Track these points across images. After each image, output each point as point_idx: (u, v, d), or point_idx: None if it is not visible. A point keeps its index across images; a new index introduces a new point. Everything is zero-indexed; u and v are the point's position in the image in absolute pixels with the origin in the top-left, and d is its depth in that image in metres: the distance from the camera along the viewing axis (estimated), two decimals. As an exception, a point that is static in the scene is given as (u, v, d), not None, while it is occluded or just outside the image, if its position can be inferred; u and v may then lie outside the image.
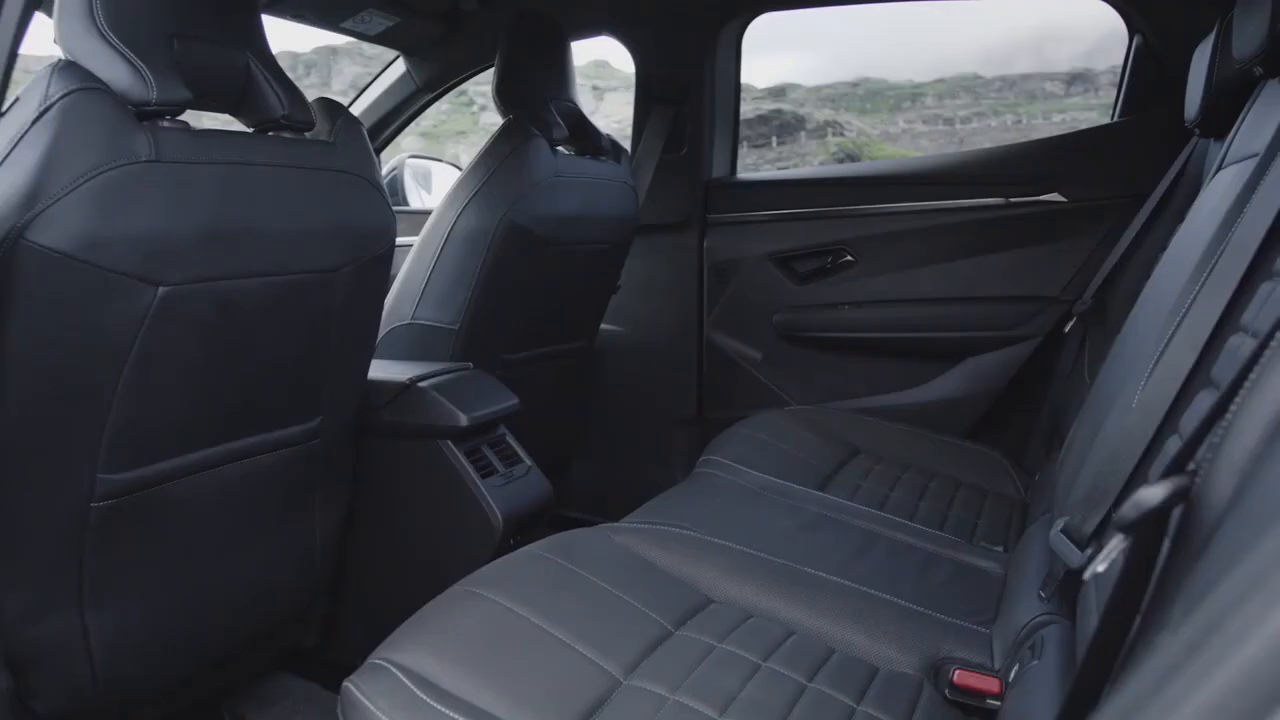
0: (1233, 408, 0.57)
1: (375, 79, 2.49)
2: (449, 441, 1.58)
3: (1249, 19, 1.15)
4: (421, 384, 1.61)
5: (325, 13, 2.08)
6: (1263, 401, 0.54)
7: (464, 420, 1.58)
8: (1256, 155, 1.08)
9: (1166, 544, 0.60)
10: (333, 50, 7.20)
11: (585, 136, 2.03)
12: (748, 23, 2.30)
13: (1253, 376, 0.56)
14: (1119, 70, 2.06)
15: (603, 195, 2.03)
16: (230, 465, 1.29)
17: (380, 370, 1.61)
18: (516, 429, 1.73)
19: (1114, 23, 2.07)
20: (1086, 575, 0.62)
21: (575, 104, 1.99)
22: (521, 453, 1.71)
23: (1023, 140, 2.26)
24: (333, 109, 1.36)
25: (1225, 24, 1.42)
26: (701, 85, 2.29)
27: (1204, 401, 0.88)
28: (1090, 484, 1.06)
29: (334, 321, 1.35)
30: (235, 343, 1.20)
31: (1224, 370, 0.87)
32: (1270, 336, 0.56)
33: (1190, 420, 0.88)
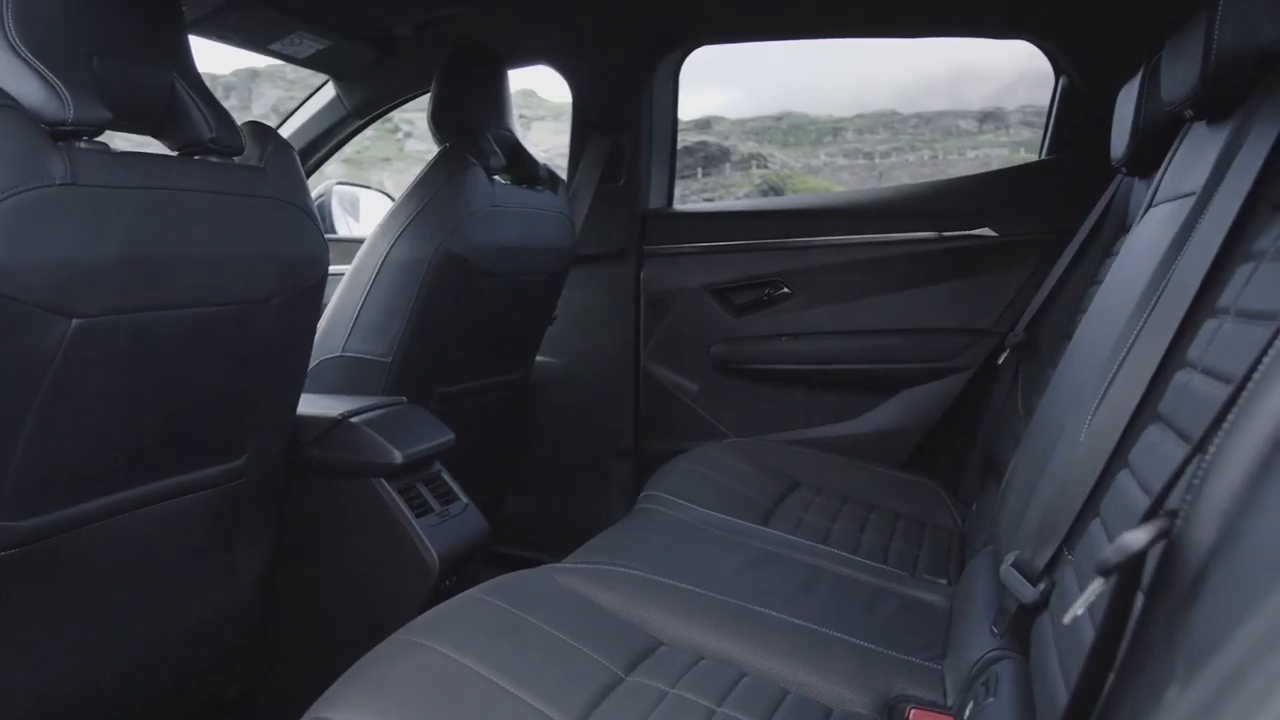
0: (1211, 449, 0.56)
1: (303, 103, 2.41)
2: (382, 479, 1.52)
3: (1178, 63, 1.19)
4: (353, 419, 1.54)
5: (253, 34, 2.01)
6: (1243, 444, 0.54)
7: (398, 457, 1.52)
8: (1190, 194, 1.11)
9: (1144, 586, 0.59)
10: (253, 73, 7.02)
11: (522, 166, 1.99)
12: (686, 54, 2.31)
13: (1230, 418, 0.56)
14: (1027, 108, 2.14)
15: (540, 225, 1.99)
16: (146, 509, 1.21)
17: (309, 405, 1.54)
18: (450, 464, 1.67)
19: (1022, 63, 2.15)
20: (1066, 619, 0.61)
21: (512, 133, 1.96)
22: (457, 490, 1.65)
23: (952, 176, 2.31)
24: (263, 133, 1.30)
25: (1151, 67, 1.47)
26: (639, 116, 2.28)
27: (1153, 436, 0.89)
28: (1039, 519, 1.07)
29: (262, 355, 1.28)
30: (156, 378, 1.12)
31: (1172, 406, 0.88)
32: (1247, 378, 0.55)
33: (1142, 455, 0.89)
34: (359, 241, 2.08)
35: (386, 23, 2.17)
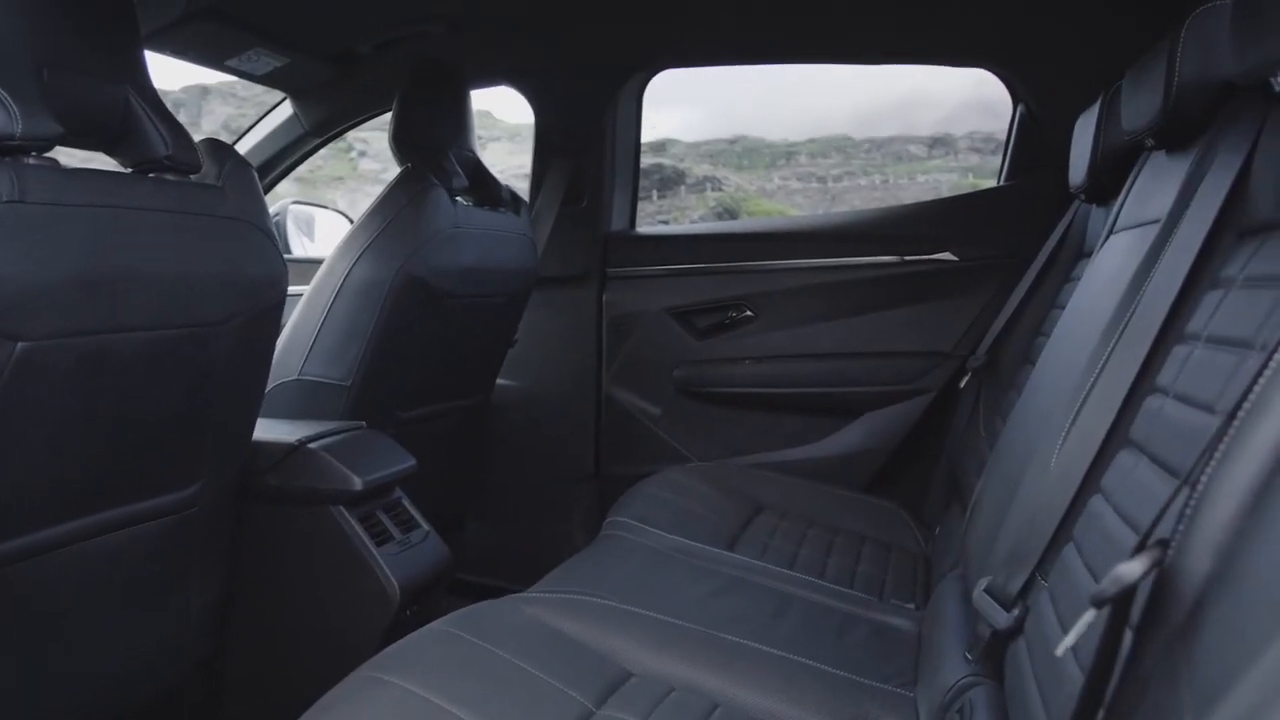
0: (1203, 480, 0.56)
1: (259, 120, 2.36)
2: (341, 507, 1.47)
3: (1139, 93, 1.21)
4: (311, 445, 1.50)
5: (209, 50, 1.96)
6: (1235, 474, 0.54)
7: (358, 484, 1.47)
8: (1153, 222, 1.13)
9: (1134, 617, 0.59)
10: (204, 89, 6.89)
11: (485, 187, 1.97)
12: (650, 78, 2.31)
13: (1222, 447, 0.56)
14: (974, 134, 2.19)
15: (502, 247, 1.97)
16: (92, 541, 1.15)
17: (265, 430, 1.49)
18: (410, 490, 1.63)
19: (970, 90, 2.19)
20: (1059, 651, 0.60)
21: (474, 153, 1.94)
22: (419, 517, 1.61)
23: (912, 201, 2.34)
24: (221, 151, 1.26)
25: (1109, 97, 1.50)
26: (603, 138, 2.28)
27: (1126, 462, 0.89)
28: (1012, 544, 1.07)
29: (218, 379, 1.24)
30: (107, 403, 1.07)
31: (1145, 432, 0.88)
32: (1237, 409, 0.55)
33: (1116, 481, 0.89)
34: (315, 262, 2.04)
35: (348, 41, 2.13)
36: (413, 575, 1.50)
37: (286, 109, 2.34)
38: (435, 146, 1.83)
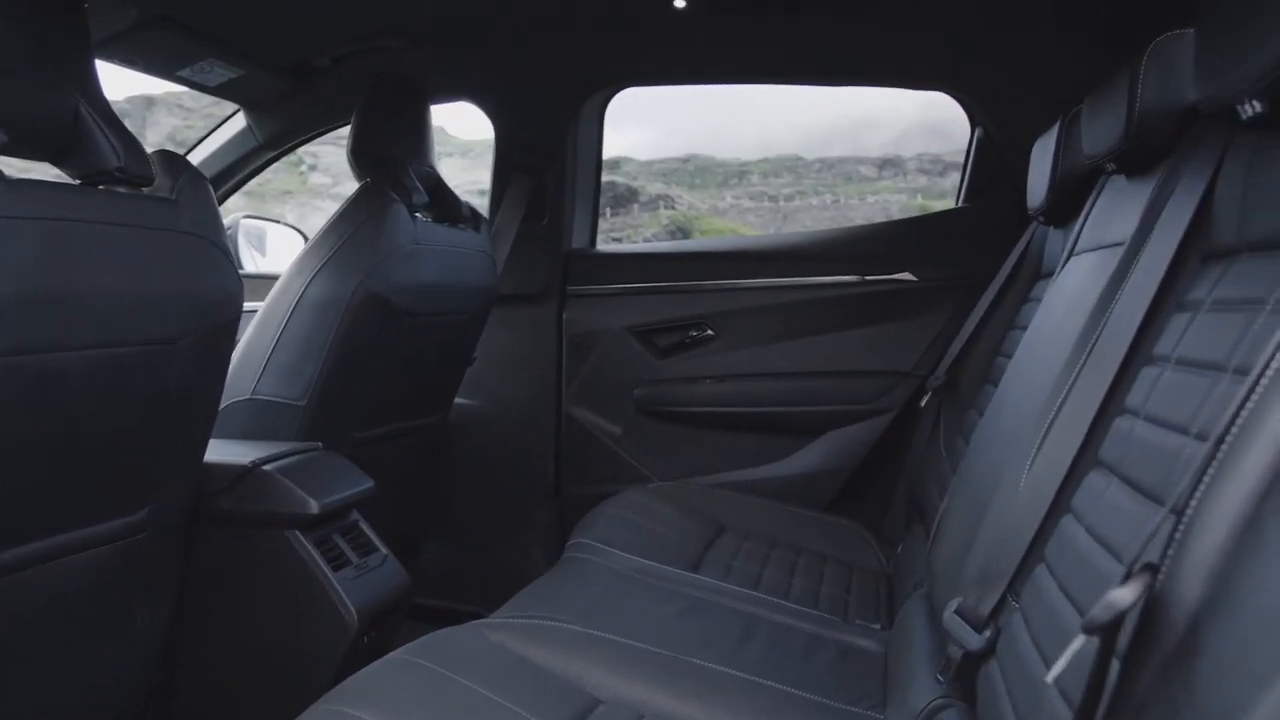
0: (1191, 505, 0.56)
1: (211, 133, 2.31)
2: (296, 531, 1.43)
3: (1100, 118, 1.23)
4: (265, 467, 1.45)
5: (160, 60, 1.90)
6: (1225, 499, 0.54)
7: (314, 507, 1.43)
8: (1116, 245, 1.14)
9: (1123, 642, 0.58)
10: (149, 100, 6.74)
11: (445, 203, 1.94)
12: (612, 95, 2.31)
13: (1211, 471, 0.56)
14: (923, 156, 2.23)
15: (462, 264, 1.94)
16: (35, 569, 1.10)
17: (217, 451, 1.44)
18: (367, 512, 1.59)
19: (919, 113, 2.23)
20: (1049, 678, 0.60)
21: (435, 169, 1.92)
22: (376, 540, 1.57)
23: (873, 222, 2.36)
24: (174, 163, 1.22)
25: (1067, 121, 1.53)
26: (564, 155, 2.26)
27: (1097, 483, 0.90)
28: (981, 566, 1.07)
29: (171, 399, 1.19)
30: (53, 425, 1.03)
31: (1116, 453, 0.89)
32: (1227, 431, 0.56)
33: (1087, 503, 0.90)
34: (268, 278, 1.99)
35: (305, 53, 2.09)
36: (370, 601, 1.46)
37: (239, 121, 2.29)
38: (395, 161, 1.80)
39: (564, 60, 2.21)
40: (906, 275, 2.15)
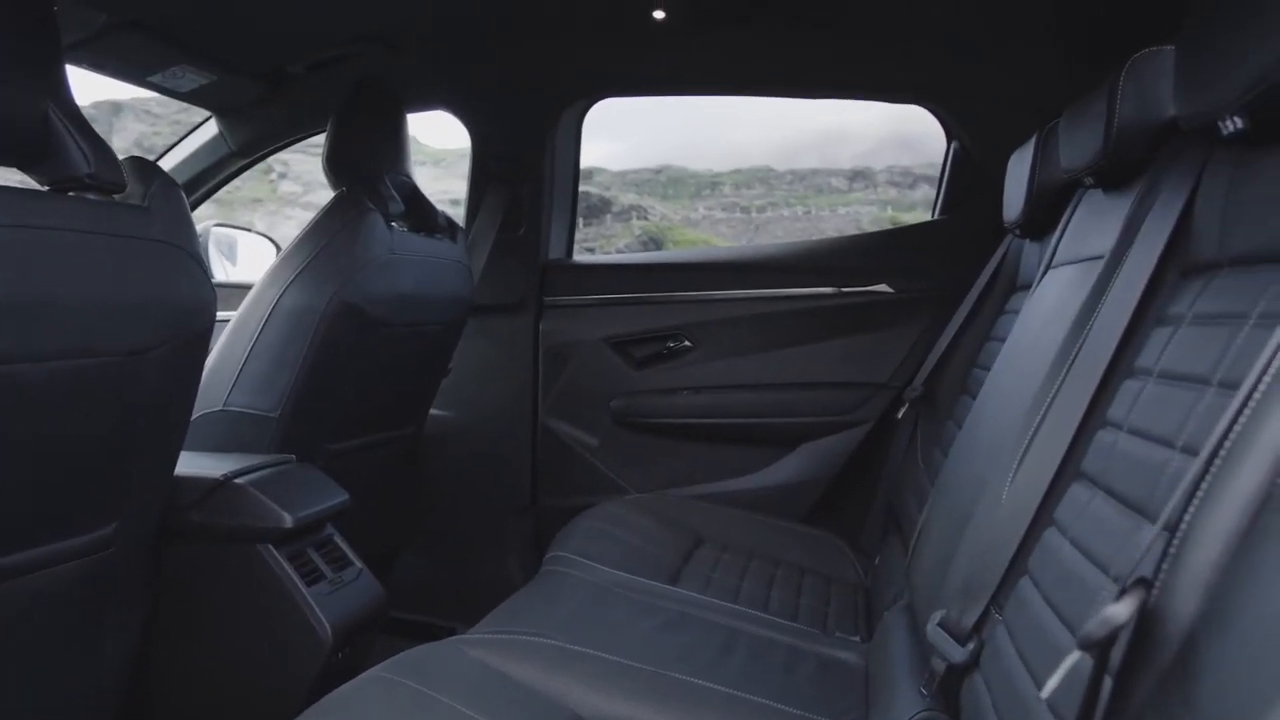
0: (1185, 520, 0.56)
1: (182, 139, 2.27)
2: (269, 545, 1.40)
3: (1078, 133, 1.25)
4: (238, 480, 1.42)
5: (131, 65, 1.87)
6: (1219, 514, 0.54)
7: (288, 521, 1.40)
8: (1095, 258, 1.15)
9: (1116, 657, 0.58)
10: (115, 106, 6.66)
11: (421, 212, 1.93)
12: (590, 105, 2.30)
13: (1204, 486, 0.56)
14: (893, 168, 2.25)
15: (438, 274, 1.92)
16: (-1, 586, 1.06)
17: (188, 464, 1.41)
18: (340, 525, 1.56)
19: (889, 126, 2.26)
20: (1044, 694, 0.59)
21: (411, 178, 1.90)
22: (351, 554, 1.54)
23: (834, 232, 2.37)
24: (147, 170, 1.20)
25: (1043, 135, 1.55)
26: (541, 165, 2.25)
27: (1081, 496, 0.90)
28: (964, 578, 1.07)
29: (142, 411, 1.16)
30: (20, 437, 1.00)
31: (1099, 465, 0.89)
32: (1219, 446, 0.56)
33: (1071, 515, 0.90)
34: (238, 287, 1.96)
35: (280, 60, 2.07)
36: (345, 616, 1.43)
37: (211, 128, 2.26)
38: (371, 170, 1.78)
39: (543, 70, 2.20)
40: (883, 287, 2.16)
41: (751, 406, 2.22)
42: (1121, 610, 0.53)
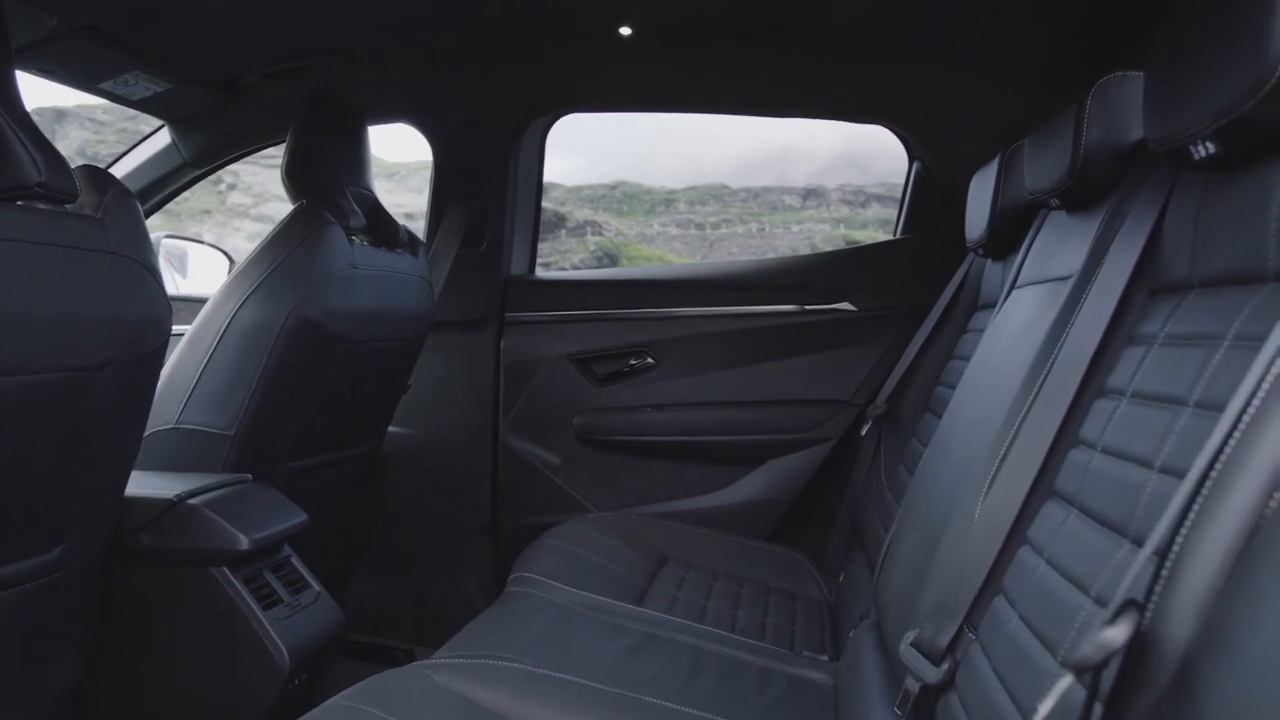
0: (1178, 540, 0.56)
1: (133, 148, 2.20)
2: (224, 568, 1.35)
3: (1044, 155, 1.26)
4: (191, 500, 1.37)
5: (81, 71, 1.80)
6: (1211, 537, 0.54)
7: (244, 543, 1.36)
8: (1062, 278, 1.17)
9: (1107, 679, 0.58)
10: (59, 113, 6.48)
11: (382, 226, 1.89)
12: (554, 120, 2.29)
13: (1196, 506, 0.56)
14: (845, 187, 2.27)
15: (399, 290, 1.89)
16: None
17: (138, 484, 1.36)
18: (297, 546, 1.52)
19: (841, 145, 2.29)
20: (1038, 719, 0.59)
21: (372, 191, 1.86)
22: (309, 577, 1.50)
23: (810, 252, 2.39)
24: (100, 179, 1.15)
25: (1006, 156, 1.57)
26: (504, 180, 2.23)
27: (1055, 515, 0.90)
28: (938, 597, 1.06)
29: (92, 429, 1.12)
30: None
31: (1074, 484, 0.90)
32: (1210, 469, 0.56)
33: (1046, 534, 0.90)
34: (189, 300, 1.91)
35: (237, 69, 2.02)
36: (303, 641, 1.39)
37: (164, 137, 2.19)
38: (332, 183, 1.74)
39: (507, 85, 2.19)
40: (846, 305, 2.18)
41: (715, 424, 2.21)
42: (1117, 634, 0.53)
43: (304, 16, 1.83)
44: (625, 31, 1.95)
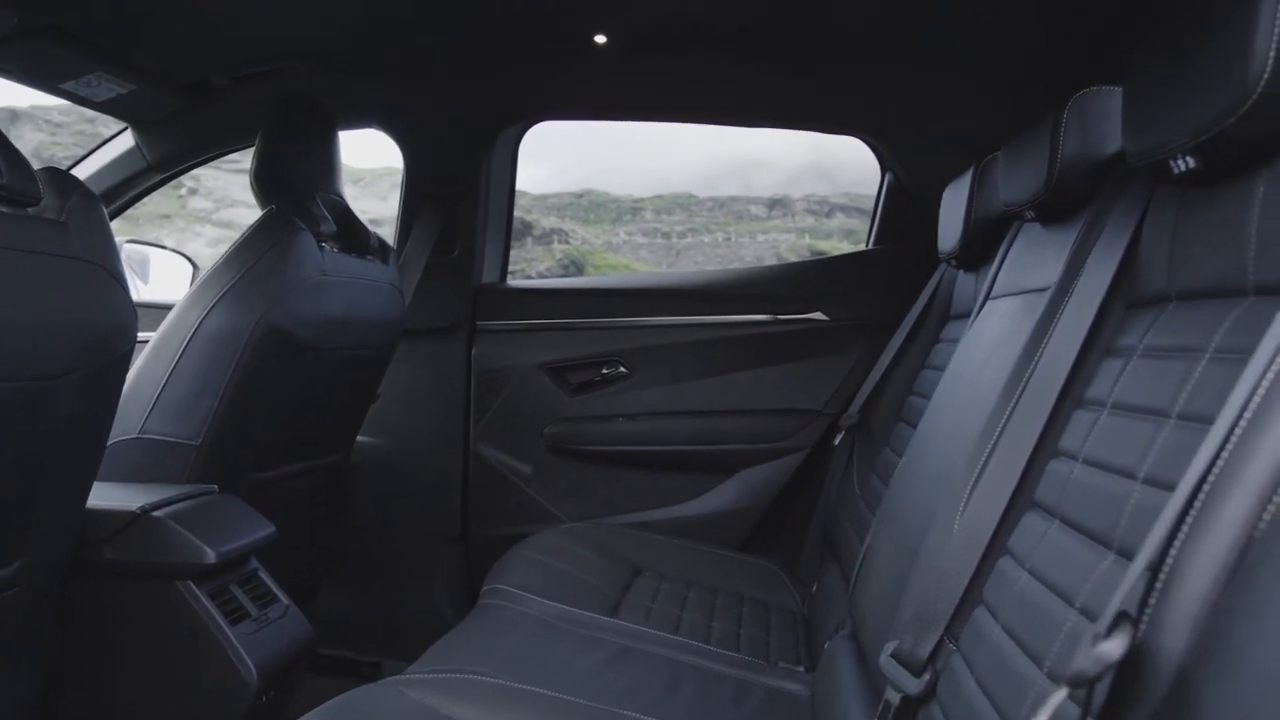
0: (1172, 553, 0.56)
1: (94, 151, 2.15)
2: (190, 582, 1.32)
3: (1019, 169, 1.28)
4: (156, 513, 1.34)
5: (43, 71, 1.75)
6: (1205, 550, 0.54)
7: (210, 556, 1.32)
8: (1038, 290, 1.18)
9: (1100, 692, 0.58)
10: (12, 113, 6.30)
11: (352, 233, 1.86)
12: (527, 128, 2.27)
13: (1190, 519, 0.56)
14: (810, 197, 2.29)
15: (370, 297, 1.86)
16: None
17: (100, 496, 1.32)
18: (264, 558, 1.49)
19: (805, 156, 2.31)
20: None
21: (343, 197, 1.84)
22: (277, 590, 1.46)
23: (779, 261, 2.40)
24: (65, 182, 1.12)
25: (979, 169, 1.59)
26: (477, 187, 2.21)
27: (1036, 525, 0.91)
28: (917, 608, 1.06)
29: (53, 439, 1.08)
30: None
31: (1054, 495, 0.90)
32: (1203, 480, 0.56)
33: (1027, 544, 0.90)
34: (151, 306, 1.87)
35: (205, 72, 1.98)
36: (272, 656, 1.35)
37: (127, 140, 2.14)
38: (302, 189, 1.71)
39: (481, 91, 2.17)
40: (818, 315, 2.18)
41: (687, 433, 2.21)
42: (1114, 647, 0.53)
43: (276, 19, 1.81)
44: (601, 40, 1.95)
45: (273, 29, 1.86)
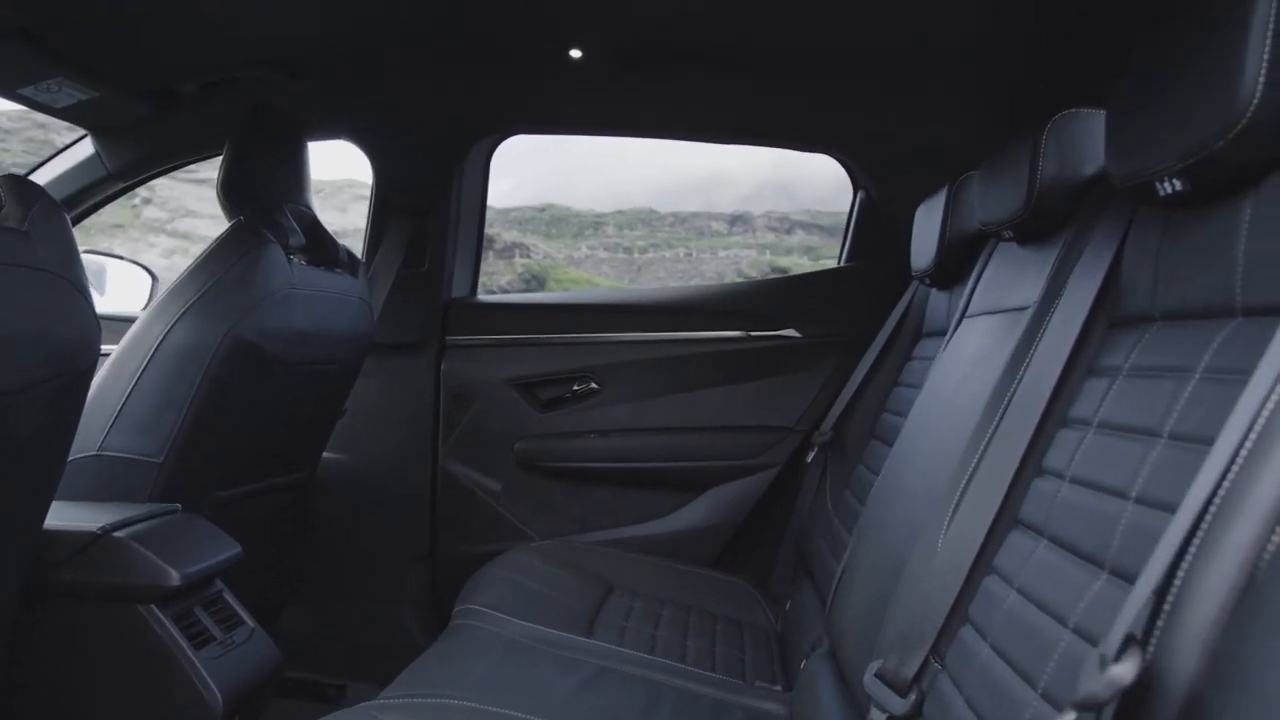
0: (1179, 576, 0.56)
1: (51, 158, 2.09)
2: (152, 605, 1.27)
3: (996, 188, 1.29)
4: (117, 533, 1.29)
5: (1, 75, 1.70)
6: (1213, 571, 0.54)
7: (174, 578, 1.28)
8: (1018, 309, 1.19)
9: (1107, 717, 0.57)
10: (-41, 120, 6.13)
11: (321, 245, 1.83)
12: (500, 141, 2.26)
13: (1197, 541, 0.56)
14: (770, 214, 2.31)
15: (338, 311, 1.83)
16: None
17: (59, 515, 1.26)
18: (228, 579, 1.44)
19: (766, 173, 2.33)
20: None
21: (311, 209, 1.80)
22: (243, 612, 1.42)
23: (759, 278, 2.40)
24: (26, 190, 1.08)
25: (954, 188, 1.61)
26: (447, 200, 2.19)
27: (1023, 545, 0.91)
28: (901, 628, 1.06)
29: (12, 455, 1.04)
30: None
31: (1041, 514, 0.90)
32: (1209, 502, 0.56)
33: (1014, 563, 0.90)
34: (110, 319, 1.81)
35: (170, 79, 1.94)
36: (237, 681, 1.31)
37: (86, 148, 2.09)
38: (270, 200, 1.68)
39: (453, 103, 2.15)
40: (790, 332, 2.19)
41: (659, 450, 2.20)
42: (1125, 671, 0.53)
43: (245, 26, 1.77)
44: (576, 54, 1.94)
45: (242, 37, 1.82)
